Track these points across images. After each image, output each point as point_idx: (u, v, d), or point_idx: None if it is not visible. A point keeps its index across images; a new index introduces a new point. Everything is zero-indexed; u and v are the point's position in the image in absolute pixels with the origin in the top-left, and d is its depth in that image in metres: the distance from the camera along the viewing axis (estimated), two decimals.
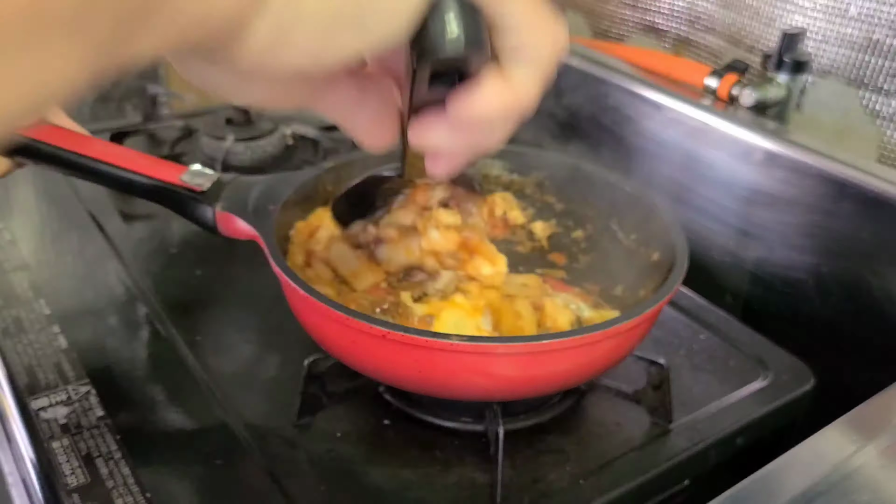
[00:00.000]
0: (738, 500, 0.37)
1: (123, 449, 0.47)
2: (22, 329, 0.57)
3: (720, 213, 0.71)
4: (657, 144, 0.75)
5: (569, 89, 0.83)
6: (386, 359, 0.45)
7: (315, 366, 0.48)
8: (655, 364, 0.50)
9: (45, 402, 0.50)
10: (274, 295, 0.51)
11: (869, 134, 0.68)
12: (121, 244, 0.68)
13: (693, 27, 0.82)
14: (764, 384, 0.55)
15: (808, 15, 0.69)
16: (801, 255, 0.65)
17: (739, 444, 0.52)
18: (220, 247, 0.68)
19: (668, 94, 0.74)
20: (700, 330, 0.61)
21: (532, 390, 0.47)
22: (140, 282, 0.63)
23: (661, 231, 0.54)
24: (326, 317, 0.44)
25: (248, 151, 0.82)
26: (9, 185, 0.77)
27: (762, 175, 0.66)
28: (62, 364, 0.54)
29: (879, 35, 0.65)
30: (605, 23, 0.93)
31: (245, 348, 0.57)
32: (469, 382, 0.44)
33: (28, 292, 0.61)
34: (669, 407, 0.50)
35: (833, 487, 0.38)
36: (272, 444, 0.48)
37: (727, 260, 0.71)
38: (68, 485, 0.44)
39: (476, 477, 0.47)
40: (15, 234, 0.69)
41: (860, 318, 0.62)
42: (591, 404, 0.53)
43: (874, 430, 0.42)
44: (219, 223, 0.51)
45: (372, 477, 0.46)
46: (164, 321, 0.59)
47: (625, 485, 0.46)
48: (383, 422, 0.50)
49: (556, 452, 0.49)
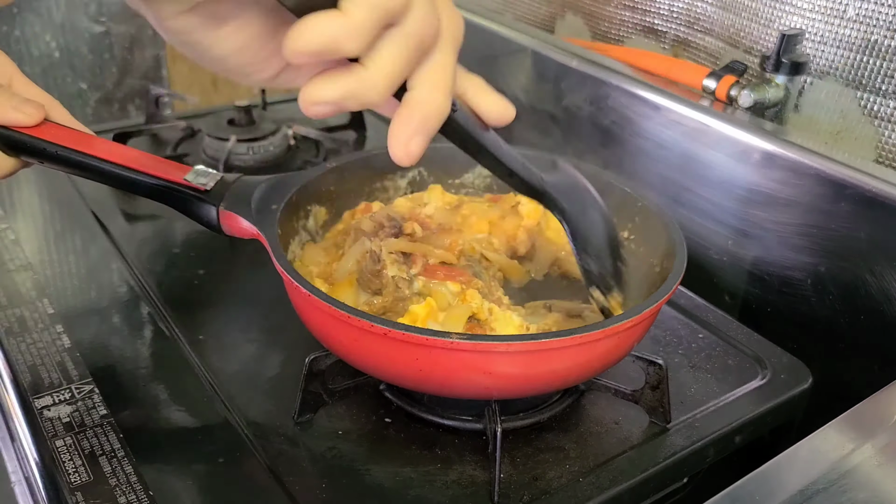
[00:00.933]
0: (736, 498, 0.37)
1: (126, 447, 0.47)
2: (26, 328, 0.57)
3: (718, 213, 0.71)
4: (656, 145, 0.76)
5: (568, 90, 0.84)
6: (387, 357, 0.45)
7: (316, 363, 0.49)
8: (654, 363, 0.50)
9: (49, 400, 0.51)
10: (276, 294, 0.52)
11: (867, 135, 0.68)
12: (124, 244, 0.69)
13: (692, 29, 0.83)
14: (762, 383, 0.56)
15: (807, 16, 0.70)
16: (798, 254, 0.65)
17: (737, 442, 0.52)
18: (223, 247, 0.69)
19: (667, 95, 0.74)
20: (698, 329, 0.61)
21: (531, 389, 0.48)
22: (143, 281, 0.64)
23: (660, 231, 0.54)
24: (328, 315, 0.45)
25: (251, 152, 0.82)
26: (13, 185, 0.77)
27: (760, 175, 0.67)
28: (65, 363, 0.54)
29: (877, 36, 0.65)
30: (605, 25, 0.93)
31: (247, 347, 0.57)
32: (469, 380, 0.45)
33: (32, 292, 0.61)
34: (668, 406, 0.51)
35: (831, 485, 0.38)
36: (274, 442, 0.48)
37: (725, 260, 0.71)
38: (71, 483, 0.45)
39: (476, 475, 0.47)
40: (19, 233, 0.69)
41: (858, 317, 0.62)
42: (590, 403, 0.53)
43: (872, 429, 0.42)
44: (222, 222, 0.51)
45: (372, 474, 0.47)
46: (166, 320, 0.59)
47: (623, 483, 0.47)
48: (384, 420, 0.51)
49: (556, 451, 0.49)
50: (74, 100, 1.17)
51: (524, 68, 0.90)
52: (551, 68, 0.86)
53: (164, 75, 1.25)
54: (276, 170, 0.82)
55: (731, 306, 0.71)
